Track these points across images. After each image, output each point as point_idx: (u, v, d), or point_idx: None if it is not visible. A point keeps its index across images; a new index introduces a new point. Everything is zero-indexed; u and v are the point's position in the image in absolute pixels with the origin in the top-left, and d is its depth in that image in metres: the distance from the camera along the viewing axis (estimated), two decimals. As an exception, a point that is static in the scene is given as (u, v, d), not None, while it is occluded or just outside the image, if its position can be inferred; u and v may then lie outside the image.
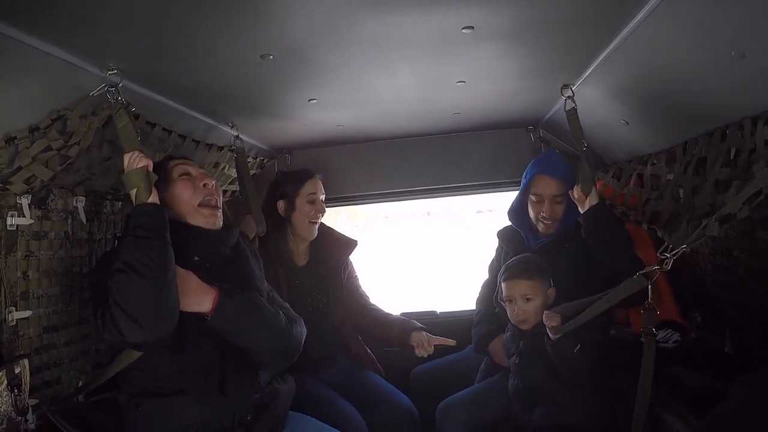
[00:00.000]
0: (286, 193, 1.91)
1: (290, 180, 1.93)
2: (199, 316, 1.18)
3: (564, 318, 1.44)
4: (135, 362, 1.19)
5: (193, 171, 1.34)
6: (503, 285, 1.62)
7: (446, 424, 1.70)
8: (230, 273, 1.27)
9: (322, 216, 1.93)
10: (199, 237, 1.27)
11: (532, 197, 1.76)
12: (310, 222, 1.89)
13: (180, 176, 1.30)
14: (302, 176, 1.92)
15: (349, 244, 2.04)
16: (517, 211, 1.86)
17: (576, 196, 1.63)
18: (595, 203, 1.58)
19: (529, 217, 1.80)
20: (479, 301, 2.02)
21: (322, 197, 1.94)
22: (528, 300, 1.56)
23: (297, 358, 1.74)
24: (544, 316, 1.49)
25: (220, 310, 1.18)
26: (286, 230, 1.91)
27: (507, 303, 1.62)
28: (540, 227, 1.77)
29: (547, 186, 1.72)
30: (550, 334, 1.47)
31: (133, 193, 1.15)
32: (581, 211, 1.62)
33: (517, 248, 1.85)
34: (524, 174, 1.84)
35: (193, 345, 1.18)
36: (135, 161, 1.15)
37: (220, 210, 1.33)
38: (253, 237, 1.84)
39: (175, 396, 1.17)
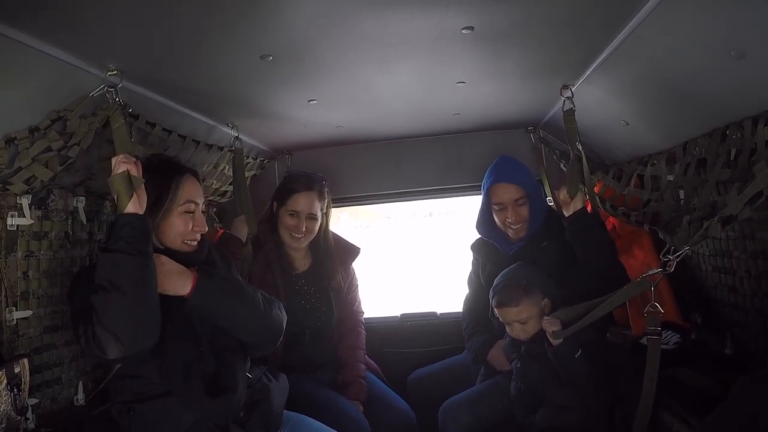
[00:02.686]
0: (278, 197, 1.89)
1: (287, 184, 1.89)
2: (177, 314, 1.18)
3: (564, 323, 1.44)
4: (123, 370, 1.19)
5: (198, 207, 1.29)
6: (495, 310, 1.63)
7: (449, 423, 1.70)
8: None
9: (306, 234, 1.83)
10: (172, 256, 1.24)
11: (495, 206, 1.79)
12: (291, 235, 1.84)
13: (185, 212, 1.26)
14: (296, 186, 1.85)
15: (353, 251, 2.01)
16: (483, 223, 1.88)
17: (561, 198, 1.63)
18: (579, 207, 1.59)
19: (497, 226, 1.82)
20: (465, 316, 2.01)
21: (313, 215, 1.84)
22: (523, 323, 1.57)
23: (297, 362, 1.75)
24: (543, 322, 1.49)
25: (198, 291, 1.18)
26: (280, 235, 1.88)
27: (505, 323, 1.62)
28: (510, 233, 1.79)
29: (506, 192, 1.76)
30: (550, 340, 1.47)
31: (115, 198, 1.12)
32: (566, 214, 1.63)
33: (493, 259, 1.86)
34: (482, 185, 1.85)
35: (172, 346, 1.18)
36: (117, 165, 1.11)
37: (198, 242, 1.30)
38: (246, 240, 1.81)
39: (164, 398, 1.17)
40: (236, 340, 1.29)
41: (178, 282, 1.18)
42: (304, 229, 1.83)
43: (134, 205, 1.11)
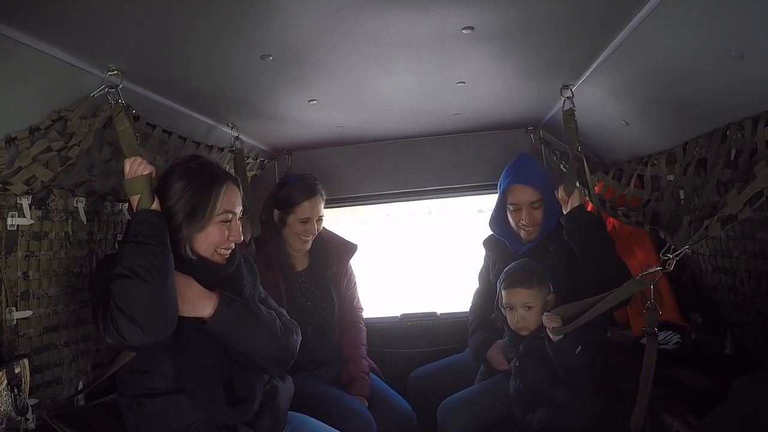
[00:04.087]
0: (281, 206, 1.89)
1: (289, 194, 1.88)
2: (199, 321, 1.18)
3: (564, 320, 1.44)
4: (135, 365, 1.19)
5: (235, 217, 1.26)
6: (503, 292, 1.63)
7: (447, 423, 1.70)
8: (222, 287, 1.25)
9: (314, 235, 1.89)
10: (202, 266, 1.23)
11: (510, 206, 1.79)
12: (300, 239, 1.88)
13: (221, 222, 1.23)
14: (300, 196, 1.86)
15: (350, 248, 2.04)
16: (497, 221, 1.88)
17: (560, 196, 1.63)
18: (576, 205, 1.59)
19: (510, 225, 1.82)
20: (472, 311, 2.02)
21: (321, 216, 1.90)
22: (529, 308, 1.57)
23: (300, 360, 1.76)
24: (543, 317, 1.49)
25: (217, 317, 1.18)
26: (282, 236, 1.91)
27: (507, 310, 1.62)
28: (522, 234, 1.79)
29: (522, 194, 1.75)
30: (551, 336, 1.47)
31: (135, 199, 1.13)
32: (564, 212, 1.63)
33: (503, 257, 1.86)
34: (499, 183, 1.85)
35: (195, 351, 1.18)
36: (139, 168, 1.14)
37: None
38: (249, 239, 1.82)
39: (175, 395, 1.18)
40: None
41: (201, 304, 1.18)
42: (315, 231, 1.88)
43: (156, 206, 1.13)
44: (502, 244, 1.90)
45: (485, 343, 1.83)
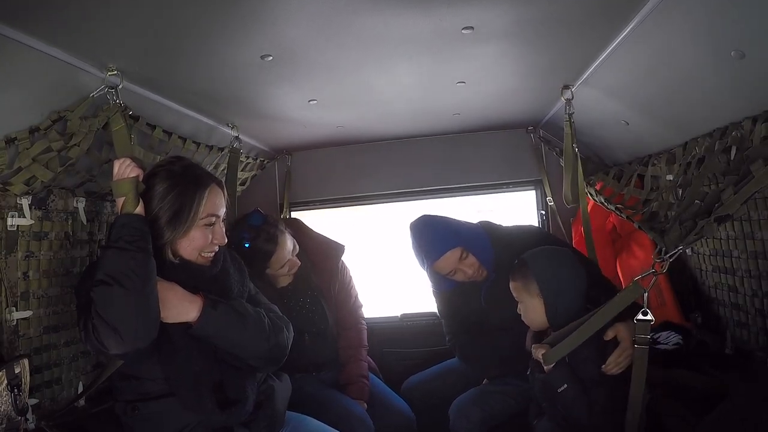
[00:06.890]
0: (252, 265, 1.61)
1: (253, 254, 1.68)
2: (185, 325, 1.16)
3: (554, 345, 1.32)
4: (127, 371, 1.18)
5: (218, 220, 1.22)
6: None
7: (461, 420, 1.68)
8: (207, 288, 1.22)
9: (299, 264, 1.79)
10: (186, 269, 1.21)
11: (447, 276, 1.73)
12: (287, 275, 1.80)
13: (205, 225, 1.20)
14: (266, 251, 1.69)
15: (335, 251, 1.96)
16: (449, 282, 1.79)
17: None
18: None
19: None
20: (454, 335, 1.88)
21: (297, 249, 1.78)
22: (519, 302, 1.46)
23: (299, 363, 1.75)
24: (532, 349, 1.38)
25: (203, 321, 1.16)
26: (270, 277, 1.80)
27: None
28: (475, 279, 1.74)
29: (446, 262, 1.69)
30: (543, 367, 1.35)
31: (120, 201, 1.12)
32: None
33: (469, 300, 1.79)
34: (422, 266, 1.78)
35: (182, 356, 1.17)
36: (126, 170, 1.12)
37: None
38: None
39: (169, 397, 1.17)
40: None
41: (185, 309, 1.16)
42: (297, 261, 1.79)
43: (140, 209, 1.11)
44: (470, 287, 1.79)
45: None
